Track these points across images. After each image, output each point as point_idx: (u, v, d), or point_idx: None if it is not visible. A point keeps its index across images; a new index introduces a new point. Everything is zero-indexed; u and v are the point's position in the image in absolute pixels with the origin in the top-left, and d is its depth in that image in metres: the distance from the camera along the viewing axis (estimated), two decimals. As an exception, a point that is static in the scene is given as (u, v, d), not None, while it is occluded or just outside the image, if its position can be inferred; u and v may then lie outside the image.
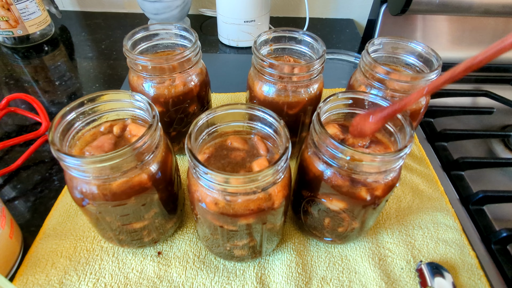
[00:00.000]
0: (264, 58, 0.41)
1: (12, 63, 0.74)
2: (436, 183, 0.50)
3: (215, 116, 0.33)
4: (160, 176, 0.34)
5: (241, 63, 0.75)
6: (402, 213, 0.46)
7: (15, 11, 0.70)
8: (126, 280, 0.38)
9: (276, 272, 0.40)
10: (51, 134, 0.30)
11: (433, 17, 0.76)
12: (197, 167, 0.28)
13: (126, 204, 0.32)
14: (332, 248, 0.42)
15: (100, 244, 0.41)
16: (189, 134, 0.31)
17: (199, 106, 0.47)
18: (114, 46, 0.80)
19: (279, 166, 0.29)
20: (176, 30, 0.46)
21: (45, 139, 0.53)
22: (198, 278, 0.39)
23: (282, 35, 0.47)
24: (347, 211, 0.35)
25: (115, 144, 0.34)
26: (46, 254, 0.40)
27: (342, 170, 0.32)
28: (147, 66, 0.40)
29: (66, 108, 0.32)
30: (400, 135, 0.34)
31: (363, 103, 0.37)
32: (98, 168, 0.29)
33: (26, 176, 0.50)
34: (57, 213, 0.44)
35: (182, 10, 0.76)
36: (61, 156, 0.28)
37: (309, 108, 0.45)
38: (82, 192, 0.32)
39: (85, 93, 0.66)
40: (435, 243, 0.43)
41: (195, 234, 0.43)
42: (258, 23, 0.76)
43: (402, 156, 0.30)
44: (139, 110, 0.36)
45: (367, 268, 0.40)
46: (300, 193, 0.38)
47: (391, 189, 0.34)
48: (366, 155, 0.29)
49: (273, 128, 0.34)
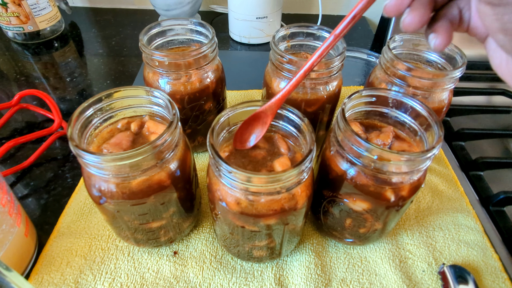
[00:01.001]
0: (283, 54, 0.40)
1: (23, 59, 0.74)
2: (455, 183, 0.49)
3: (237, 113, 0.32)
4: (179, 175, 0.33)
5: (253, 60, 0.74)
6: (421, 214, 0.45)
7: (26, 7, 0.70)
8: (142, 280, 0.38)
9: (295, 273, 0.39)
10: (70, 130, 0.29)
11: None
12: (220, 166, 0.28)
13: (145, 203, 0.31)
14: (351, 249, 0.41)
15: (115, 243, 0.41)
16: (211, 131, 0.30)
17: (214, 103, 0.46)
18: (124, 42, 0.79)
19: (304, 167, 0.28)
20: (192, 25, 0.45)
21: (57, 136, 0.52)
22: (216, 279, 0.38)
23: (300, 31, 0.46)
24: (371, 211, 0.34)
25: (133, 141, 0.34)
26: (61, 253, 0.39)
27: (368, 169, 0.31)
28: (164, 62, 0.39)
29: (84, 104, 0.31)
30: (427, 134, 0.33)
31: (386, 101, 0.36)
32: (118, 166, 0.28)
33: (39, 173, 0.49)
34: (71, 211, 0.44)
35: (194, 6, 0.75)
36: (80, 153, 0.28)
37: (328, 106, 0.44)
38: (100, 190, 0.31)
39: (96, 90, 0.66)
40: (456, 245, 0.42)
41: (211, 233, 0.42)
42: (270, 20, 0.75)
43: (430, 156, 0.29)
44: (156, 107, 0.35)
45: (388, 270, 0.39)
46: (320, 193, 0.37)
47: (417, 190, 0.33)
48: (394, 154, 0.28)
49: (296, 126, 0.33)
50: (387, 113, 0.37)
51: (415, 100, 0.33)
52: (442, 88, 0.40)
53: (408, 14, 0.23)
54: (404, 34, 0.44)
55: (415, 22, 0.23)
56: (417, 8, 0.23)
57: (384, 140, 0.35)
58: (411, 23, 0.24)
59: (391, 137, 0.35)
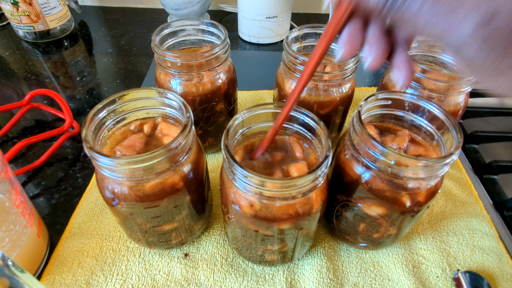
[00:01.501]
0: (297, 55, 0.39)
1: (33, 58, 0.74)
2: (469, 187, 0.48)
3: (251, 115, 0.32)
4: (193, 177, 0.32)
5: (262, 60, 0.73)
6: (435, 219, 0.45)
7: (36, 6, 0.70)
8: (153, 282, 0.37)
9: (307, 277, 0.38)
10: (84, 132, 0.29)
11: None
12: (235, 169, 0.27)
13: (158, 206, 0.31)
14: (364, 254, 0.41)
15: (126, 244, 0.40)
16: (226, 133, 0.29)
17: (226, 105, 0.46)
18: (133, 42, 0.79)
19: (320, 172, 0.27)
20: (204, 26, 0.44)
21: (68, 136, 0.52)
22: (227, 282, 0.38)
23: (313, 31, 0.45)
24: (386, 217, 0.33)
25: (146, 143, 0.33)
26: (73, 254, 0.39)
27: (384, 174, 0.30)
28: (176, 63, 0.39)
29: (98, 106, 0.31)
30: (444, 138, 0.32)
31: (402, 104, 0.35)
32: (132, 169, 0.28)
33: (50, 173, 0.49)
34: (82, 211, 0.44)
35: (203, 5, 0.75)
36: (94, 156, 0.28)
37: (340, 108, 0.44)
38: (113, 193, 0.31)
39: (106, 89, 0.66)
40: (471, 251, 0.41)
41: (222, 236, 0.42)
42: (280, 19, 0.74)
43: (448, 162, 0.29)
44: (169, 108, 0.35)
45: (401, 276, 0.39)
46: (334, 196, 0.36)
47: (434, 195, 0.32)
48: (412, 160, 0.28)
49: (311, 130, 0.32)
50: (402, 117, 0.36)
51: (433, 104, 0.32)
52: (459, 91, 0.39)
53: (370, 53, 0.24)
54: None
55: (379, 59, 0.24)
56: (375, 44, 0.23)
57: (400, 144, 0.34)
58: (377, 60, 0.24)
59: (406, 141, 0.35)
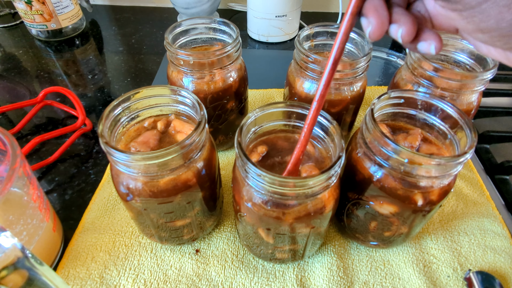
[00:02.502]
0: (309, 53, 0.39)
1: (45, 56, 0.75)
2: (481, 187, 0.48)
3: (264, 114, 0.32)
4: (205, 174, 0.33)
5: (271, 58, 0.73)
6: (446, 218, 0.44)
7: (49, 5, 0.71)
8: (165, 277, 0.38)
9: (317, 275, 0.38)
10: (101, 127, 0.29)
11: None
12: (249, 168, 0.27)
13: (172, 201, 0.32)
14: (374, 252, 0.41)
15: (138, 240, 0.41)
16: (240, 131, 0.30)
17: (237, 103, 0.46)
18: (143, 40, 0.80)
19: (333, 171, 0.28)
20: (215, 24, 0.45)
21: (81, 133, 0.53)
22: (237, 278, 0.38)
23: (324, 30, 0.45)
24: (398, 215, 0.33)
25: (159, 140, 0.34)
26: (86, 248, 0.40)
27: (397, 172, 0.30)
28: (189, 61, 0.39)
29: (114, 103, 0.31)
30: (458, 137, 0.32)
31: (415, 102, 0.35)
32: (147, 165, 0.29)
33: (63, 169, 0.50)
34: (95, 207, 0.44)
35: (213, 4, 0.75)
36: (110, 151, 0.28)
37: (351, 106, 0.44)
38: (128, 188, 0.31)
39: (117, 87, 0.66)
40: (482, 251, 0.41)
41: (233, 232, 0.42)
42: (289, 18, 0.74)
43: (462, 161, 0.29)
44: (182, 106, 0.35)
45: (411, 275, 0.39)
46: (345, 195, 0.36)
47: (447, 194, 0.32)
48: (426, 158, 0.28)
49: (324, 129, 0.32)
50: (414, 115, 0.36)
51: (446, 103, 0.32)
52: (472, 90, 0.39)
53: (399, 28, 0.22)
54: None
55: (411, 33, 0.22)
56: (402, 19, 0.21)
57: (412, 142, 0.34)
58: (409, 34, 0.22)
59: (419, 140, 0.35)
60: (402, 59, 0.72)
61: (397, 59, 0.73)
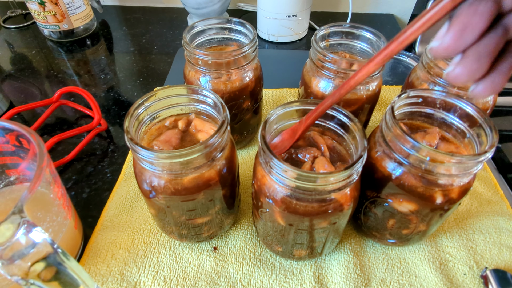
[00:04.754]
0: (326, 52, 0.40)
1: (57, 57, 0.76)
2: (495, 186, 0.48)
3: (286, 112, 0.33)
4: (226, 172, 0.33)
5: (282, 58, 0.74)
6: (460, 217, 0.45)
7: (62, 6, 0.72)
8: (184, 274, 0.38)
9: (334, 272, 0.39)
10: (127, 123, 0.30)
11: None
12: (274, 163, 0.28)
13: (195, 199, 0.32)
14: (390, 250, 0.41)
15: (156, 237, 0.42)
16: (264, 126, 0.30)
17: (252, 102, 0.46)
18: (154, 40, 0.80)
19: (355, 169, 0.28)
20: (231, 24, 0.45)
21: (96, 132, 0.54)
22: (255, 275, 0.38)
23: (339, 30, 0.45)
24: (416, 213, 0.33)
25: (181, 139, 0.34)
26: (106, 245, 0.40)
27: (417, 170, 0.31)
28: (207, 61, 0.40)
29: (138, 101, 0.32)
30: (478, 136, 0.32)
31: (432, 101, 0.35)
32: (171, 163, 0.29)
33: (80, 168, 0.51)
34: (113, 205, 0.45)
35: (223, 4, 0.75)
36: (136, 148, 0.29)
37: (367, 106, 0.44)
38: (151, 185, 0.32)
39: (129, 87, 0.67)
40: (498, 249, 0.41)
41: (249, 230, 0.43)
42: (299, 18, 0.75)
43: (483, 160, 0.29)
44: (202, 105, 0.36)
45: (428, 272, 0.39)
46: (363, 193, 0.37)
47: (466, 192, 0.32)
48: (448, 156, 0.28)
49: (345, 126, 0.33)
50: (432, 114, 0.36)
51: (466, 102, 0.33)
52: (488, 89, 0.39)
53: (457, 65, 0.18)
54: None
55: (463, 76, 0.18)
56: (470, 60, 0.18)
57: (430, 141, 0.35)
58: (458, 76, 0.18)
59: (437, 139, 0.35)
60: (412, 59, 0.73)
61: (407, 59, 0.73)
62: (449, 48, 0.18)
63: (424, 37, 0.75)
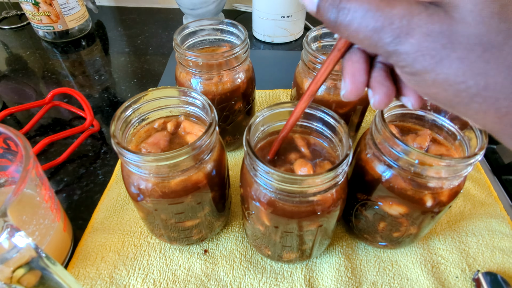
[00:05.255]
0: (317, 54, 0.39)
1: (52, 57, 0.75)
2: (488, 188, 0.48)
3: (272, 113, 0.32)
4: (215, 175, 0.33)
5: (277, 59, 0.74)
6: (453, 219, 0.44)
7: (56, 6, 0.71)
8: (174, 277, 0.38)
9: (325, 275, 0.39)
10: (113, 127, 0.30)
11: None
12: (257, 166, 0.28)
13: (183, 202, 0.32)
14: (382, 253, 0.41)
15: (147, 240, 0.41)
16: (248, 130, 0.30)
17: (244, 104, 0.46)
18: (149, 41, 0.80)
19: (341, 169, 0.28)
20: (223, 26, 0.45)
21: (89, 134, 0.54)
22: (246, 278, 0.38)
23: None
24: (407, 216, 0.33)
25: (170, 141, 0.34)
26: (96, 248, 0.40)
27: (406, 173, 0.30)
28: (198, 62, 0.40)
29: (125, 104, 0.32)
30: (468, 138, 0.32)
31: (425, 103, 0.35)
32: (158, 166, 0.29)
33: (71, 169, 0.51)
34: (104, 207, 0.45)
35: (219, 5, 0.75)
36: (122, 152, 0.28)
37: (359, 107, 0.44)
38: (139, 188, 0.31)
39: (124, 88, 0.67)
40: (491, 252, 0.41)
41: (241, 233, 0.42)
42: (295, 19, 0.75)
43: (472, 162, 0.29)
44: (192, 107, 0.35)
45: (420, 275, 0.39)
46: (353, 195, 0.36)
47: (456, 195, 0.32)
48: (436, 159, 0.28)
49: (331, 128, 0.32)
50: (423, 116, 0.36)
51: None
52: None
53: (373, 96, 0.22)
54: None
55: (383, 102, 0.22)
56: (377, 87, 0.22)
57: (421, 143, 0.34)
58: (380, 103, 0.22)
59: (428, 141, 0.35)
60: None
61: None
62: (352, 91, 0.23)
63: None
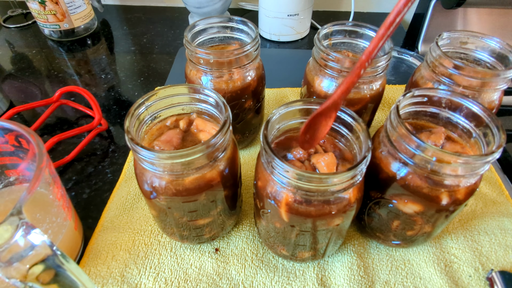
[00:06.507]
0: (329, 51, 0.39)
1: (57, 56, 0.75)
2: (500, 187, 0.48)
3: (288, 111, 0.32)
4: (228, 173, 0.33)
5: (283, 57, 0.73)
6: (465, 217, 0.44)
7: (62, 5, 0.71)
8: (186, 276, 0.38)
9: (337, 274, 0.38)
10: (127, 123, 0.29)
11: (474, 11, 0.71)
12: (276, 163, 0.27)
13: (196, 200, 0.32)
14: (394, 252, 0.41)
15: (157, 238, 0.41)
16: (266, 125, 0.30)
17: (254, 102, 0.46)
18: (155, 40, 0.80)
19: (359, 169, 0.27)
20: (233, 23, 0.45)
21: (97, 132, 0.53)
22: (258, 277, 0.38)
23: (342, 28, 0.45)
24: (422, 214, 0.33)
25: (182, 139, 0.34)
26: (106, 247, 0.40)
27: (423, 170, 0.30)
28: (209, 60, 0.39)
29: (138, 101, 0.31)
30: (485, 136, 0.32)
31: (438, 101, 0.35)
32: (172, 163, 0.29)
33: (80, 168, 0.50)
34: (113, 206, 0.44)
35: (225, 3, 0.75)
36: (136, 148, 0.28)
37: (370, 105, 0.44)
38: (152, 186, 0.31)
39: (130, 86, 0.67)
40: (504, 251, 0.41)
41: (251, 231, 0.42)
42: (301, 17, 0.74)
43: (490, 160, 0.28)
44: (204, 104, 0.35)
45: (433, 274, 0.39)
46: (367, 193, 0.36)
47: (473, 193, 0.32)
48: (454, 156, 0.28)
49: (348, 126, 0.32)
50: (437, 114, 0.36)
51: (472, 101, 0.32)
52: (494, 88, 0.39)
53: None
54: (452, 31, 0.43)
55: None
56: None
57: (436, 141, 0.34)
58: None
59: (442, 138, 0.34)
60: (415, 58, 0.72)
61: (410, 58, 0.72)
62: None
63: (427, 36, 0.74)
